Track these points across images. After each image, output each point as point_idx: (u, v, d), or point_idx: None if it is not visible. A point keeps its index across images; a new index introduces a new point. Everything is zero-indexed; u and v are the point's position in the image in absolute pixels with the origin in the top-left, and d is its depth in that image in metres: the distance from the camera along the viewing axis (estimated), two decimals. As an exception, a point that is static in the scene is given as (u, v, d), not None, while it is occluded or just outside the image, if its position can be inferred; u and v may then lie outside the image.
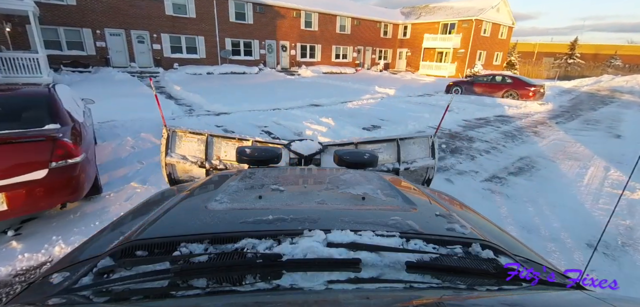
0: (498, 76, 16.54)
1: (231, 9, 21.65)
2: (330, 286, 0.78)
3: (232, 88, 15.18)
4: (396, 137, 3.73)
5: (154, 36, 19.24)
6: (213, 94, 12.95)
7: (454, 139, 8.22)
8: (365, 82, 20.95)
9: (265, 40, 24.03)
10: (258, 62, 24.00)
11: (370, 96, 15.40)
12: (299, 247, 0.89)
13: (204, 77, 18.66)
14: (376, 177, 1.74)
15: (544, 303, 0.76)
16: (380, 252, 0.89)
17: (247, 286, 0.79)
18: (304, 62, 26.69)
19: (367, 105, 12.85)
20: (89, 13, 17.02)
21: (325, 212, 1.21)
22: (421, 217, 1.20)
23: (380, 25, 31.19)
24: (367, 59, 31.67)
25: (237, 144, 3.53)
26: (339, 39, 28.41)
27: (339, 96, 14.58)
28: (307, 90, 15.74)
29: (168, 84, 15.36)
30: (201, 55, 21.29)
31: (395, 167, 3.73)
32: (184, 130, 3.46)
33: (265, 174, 1.75)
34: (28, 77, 10.58)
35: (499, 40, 31.92)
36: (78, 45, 17.17)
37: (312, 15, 25.72)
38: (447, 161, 6.44)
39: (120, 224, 1.27)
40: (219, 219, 1.10)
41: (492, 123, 10.62)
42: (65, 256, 1.06)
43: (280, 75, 22.70)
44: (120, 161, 5.57)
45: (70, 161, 3.32)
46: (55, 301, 0.75)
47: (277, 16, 23.93)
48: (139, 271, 0.81)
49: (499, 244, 1.04)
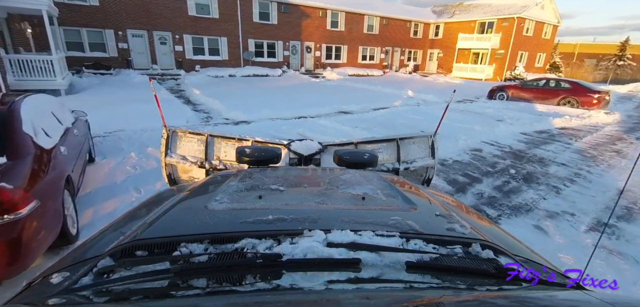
0: (552, 80, 14.54)
1: (255, 9, 20.78)
2: (330, 286, 0.78)
3: (253, 92, 14.17)
4: (396, 137, 3.73)
5: (176, 37, 18.67)
6: (233, 99, 11.96)
7: (522, 160, 6.65)
8: (396, 85, 19.39)
9: (290, 41, 23.01)
10: (281, 64, 23.01)
11: (404, 102, 13.89)
12: (299, 247, 0.88)
13: (225, 80, 17.83)
14: (376, 177, 1.74)
15: (544, 303, 0.76)
16: (380, 252, 0.89)
17: (247, 286, 0.78)
18: (329, 64, 25.45)
19: (402, 112, 11.38)
20: (112, 13, 16.62)
21: (325, 212, 1.20)
22: (421, 217, 1.20)
23: (410, 25, 29.40)
24: (395, 60, 29.97)
25: (236, 144, 3.49)
26: (366, 40, 26.94)
27: (369, 102, 13.18)
28: (333, 95, 14.47)
29: (187, 88, 14.58)
30: (223, 57, 20.56)
31: (395, 167, 3.72)
32: (183, 130, 3.38)
33: (265, 174, 1.74)
34: (41, 81, 9.98)
35: (543, 40, 29.23)
36: (100, 46, 16.82)
37: (338, 14, 24.43)
38: (526, 194, 4.93)
39: (120, 224, 1.27)
40: (218, 219, 1.10)
41: (558, 138, 8.86)
42: (65, 256, 1.06)
43: (304, 77, 21.57)
44: (114, 188, 4.52)
45: (8, 218, 2.22)
46: (55, 301, 0.75)
47: (302, 16, 22.84)
48: (139, 271, 0.81)
49: (499, 244, 1.04)
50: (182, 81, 16.27)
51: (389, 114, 11.07)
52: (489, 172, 5.86)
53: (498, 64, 26.69)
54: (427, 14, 31.30)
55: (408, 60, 31.00)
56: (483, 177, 5.59)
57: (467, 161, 6.42)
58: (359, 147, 3.72)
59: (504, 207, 4.46)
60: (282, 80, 19.57)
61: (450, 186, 5.16)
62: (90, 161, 5.35)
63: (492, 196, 4.84)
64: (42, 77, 9.97)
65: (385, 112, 11.39)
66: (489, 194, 4.89)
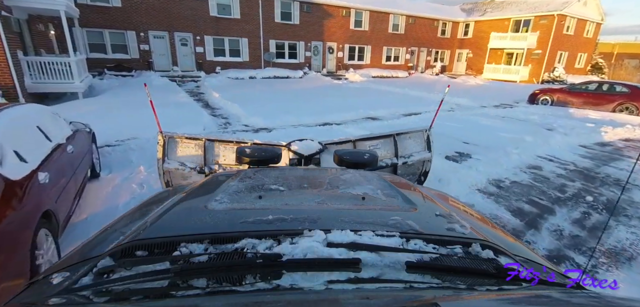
0: (605, 84, 12.98)
1: (277, 9, 20.17)
2: (330, 286, 0.78)
3: (274, 95, 13.49)
4: (393, 133, 3.85)
5: (197, 38, 18.35)
6: (253, 102, 11.30)
7: (594, 182, 5.49)
8: (424, 88, 18.20)
9: (311, 41, 22.27)
10: (302, 65, 22.31)
11: (435, 106, 12.77)
12: (299, 247, 0.88)
13: (245, 82, 17.31)
14: (376, 177, 1.73)
15: (544, 303, 0.76)
16: (380, 252, 0.89)
17: (247, 286, 0.78)
18: (352, 65, 24.51)
19: (436, 119, 10.31)
20: (134, 15, 16.47)
21: (325, 212, 1.20)
22: (421, 217, 1.20)
23: (437, 24, 27.96)
24: (421, 61, 28.60)
25: (235, 147, 3.44)
26: (390, 40, 25.79)
27: (398, 106, 12.19)
28: (358, 99, 13.55)
29: (207, 90, 14.11)
30: (244, 58, 20.08)
31: (393, 162, 3.78)
32: (180, 136, 3.34)
33: (265, 174, 1.73)
34: (59, 84, 9.70)
35: (584, 39, 27.00)
36: (122, 48, 16.71)
37: (362, 13, 23.45)
38: (618, 233, 3.84)
39: (120, 224, 1.27)
40: (219, 219, 1.09)
41: (627, 153, 7.55)
42: (66, 256, 1.05)
43: (326, 79, 20.76)
44: (115, 212, 3.84)
45: None
46: (55, 301, 0.75)
47: (324, 15, 22.04)
48: (139, 271, 0.80)
49: (499, 244, 1.04)
50: (202, 83, 15.86)
51: (421, 121, 10.03)
52: (559, 199, 4.79)
53: (534, 65, 24.82)
54: (456, 13, 29.71)
55: (435, 61, 29.53)
56: (554, 206, 4.54)
57: (527, 183, 5.37)
58: (357, 145, 3.75)
59: (597, 253, 3.42)
60: (303, 82, 18.84)
61: (516, 219, 4.16)
62: (94, 177, 4.75)
63: (575, 234, 3.80)
64: (60, 79, 9.67)
65: (417, 118, 10.36)
66: (570, 232, 3.85)
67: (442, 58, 30.01)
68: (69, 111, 8.52)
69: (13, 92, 8.37)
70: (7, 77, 8.23)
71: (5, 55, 8.11)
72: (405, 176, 4.22)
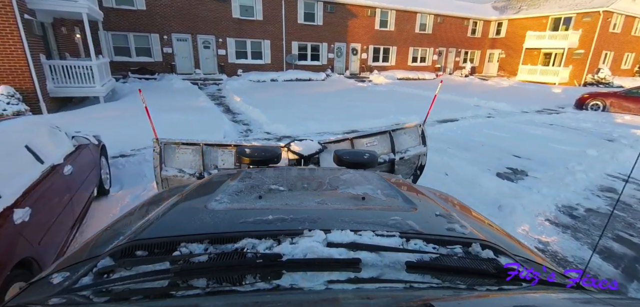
0: (670, 87, 11.44)
1: (300, 10, 19.63)
2: (330, 286, 0.78)
3: (297, 99, 12.89)
4: (388, 129, 3.95)
5: (219, 41, 18.11)
6: (275, 108, 10.74)
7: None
8: (455, 90, 17.05)
9: (335, 43, 21.57)
10: (325, 67, 21.65)
11: (472, 112, 11.72)
12: (299, 247, 0.88)
13: (267, 85, 16.85)
14: (376, 177, 1.72)
15: (544, 303, 0.76)
16: (380, 252, 0.89)
17: (247, 286, 0.78)
18: (376, 66, 23.59)
19: (475, 127, 9.34)
20: (157, 18, 16.40)
21: (325, 212, 1.19)
22: (421, 217, 1.19)
23: (467, 23, 26.50)
24: (449, 62, 27.23)
25: (234, 150, 3.44)
26: (417, 40, 24.65)
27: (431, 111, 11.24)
28: (387, 103, 12.71)
29: (228, 94, 13.72)
30: (266, 61, 19.67)
31: (391, 157, 3.91)
32: (177, 142, 3.32)
33: (265, 174, 1.72)
34: (80, 88, 9.53)
35: (632, 37, 24.70)
36: (146, 51, 16.69)
37: (388, 13, 22.50)
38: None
39: (120, 224, 1.27)
40: (219, 219, 1.09)
41: None
42: (66, 256, 1.05)
43: (350, 82, 19.99)
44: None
45: None
46: (55, 301, 0.75)
47: (348, 16, 21.29)
48: (139, 271, 0.80)
49: (499, 244, 1.03)
50: (224, 86, 15.53)
51: (459, 128, 9.09)
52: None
53: (576, 66, 22.92)
54: (487, 11, 28.10)
55: (464, 62, 28.03)
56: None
57: (606, 210, 4.40)
58: (355, 142, 3.84)
59: None
60: (326, 85, 18.18)
61: (609, 264, 3.25)
62: (102, 194, 4.27)
63: (698, 293, 2.87)
64: (81, 83, 9.50)
65: (453, 126, 9.41)
66: (689, 289, 2.93)
67: (471, 59, 28.47)
68: (89, 116, 8.27)
69: (33, 96, 8.21)
70: (27, 82, 8.07)
71: (27, 59, 7.95)
72: (402, 170, 4.24)
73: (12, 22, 7.62)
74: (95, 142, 4.13)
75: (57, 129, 3.38)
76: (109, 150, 6.28)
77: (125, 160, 5.73)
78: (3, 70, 7.79)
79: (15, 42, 7.74)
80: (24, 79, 8.03)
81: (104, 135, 6.89)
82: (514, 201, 4.32)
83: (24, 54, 7.89)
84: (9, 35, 7.63)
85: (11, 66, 7.83)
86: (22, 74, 7.98)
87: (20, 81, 7.99)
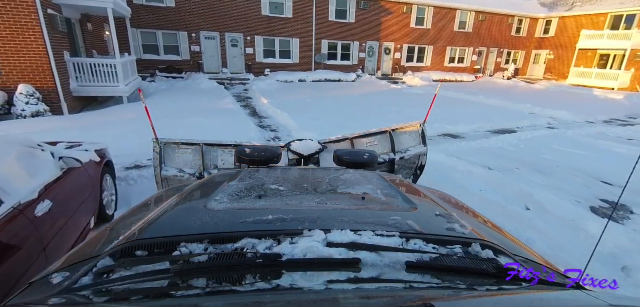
0: None
1: (332, 7, 18.65)
2: (330, 286, 0.77)
3: (328, 103, 11.93)
4: (389, 129, 3.93)
5: (247, 39, 17.53)
6: (305, 112, 9.84)
7: None
8: (501, 95, 15.39)
9: (367, 41, 20.40)
10: (356, 67, 20.54)
11: (529, 121, 10.22)
12: (299, 247, 0.88)
13: (295, 86, 16.03)
14: (376, 177, 1.72)
15: (544, 303, 0.76)
16: (380, 252, 0.89)
17: (247, 286, 0.78)
18: (410, 67, 22.16)
19: (538, 140, 7.94)
20: (187, 15, 16.04)
21: (325, 212, 1.19)
22: (421, 217, 1.19)
23: (512, 21, 24.36)
24: (490, 63, 25.21)
25: (234, 150, 3.45)
26: (456, 39, 22.92)
27: (479, 119, 9.90)
28: (426, 109, 11.45)
29: (255, 95, 13.01)
30: (294, 60, 18.89)
31: (391, 157, 3.92)
32: (177, 142, 3.33)
33: (265, 174, 1.72)
34: (103, 87, 9.11)
35: None
36: (174, 49, 16.40)
37: (425, 10, 21.00)
38: None
39: (121, 224, 1.26)
40: (218, 219, 1.08)
41: None
42: (66, 256, 1.05)
43: (382, 83, 18.77)
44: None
45: None
46: (55, 301, 0.74)
47: (383, 13, 20.04)
48: (139, 271, 0.80)
49: (499, 244, 1.03)
50: (251, 87, 14.87)
51: (521, 142, 7.74)
52: None
53: (638, 69, 20.31)
54: (534, 8, 25.74)
55: (506, 63, 25.88)
56: None
57: None
58: (355, 142, 3.88)
59: None
60: (357, 86, 17.09)
61: None
62: (104, 220, 3.51)
63: None
64: (105, 83, 9.07)
65: (513, 139, 8.05)
66: None
67: (515, 60, 26.23)
68: (108, 118, 7.76)
69: (55, 96, 7.81)
70: (48, 80, 7.67)
71: (49, 57, 7.55)
72: (402, 170, 4.17)
73: (33, 17, 7.22)
74: (95, 159, 3.37)
75: (39, 148, 2.62)
76: (123, 160, 5.62)
77: (139, 173, 5.02)
78: (24, 68, 7.42)
79: (36, 38, 7.34)
80: (45, 78, 7.63)
81: (119, 142, 6.27)
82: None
83: (46, 51, 7.49)
84: (30, 31, 7.24)
85: (32, 64, 7.45)
86: (43, 72, 7.58)
87: (41, 80, 7.60)
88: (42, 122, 6.89)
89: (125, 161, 5.49)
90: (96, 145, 3.74)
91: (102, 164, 3.49)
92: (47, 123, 6.90)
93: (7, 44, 7.18)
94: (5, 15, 7.04)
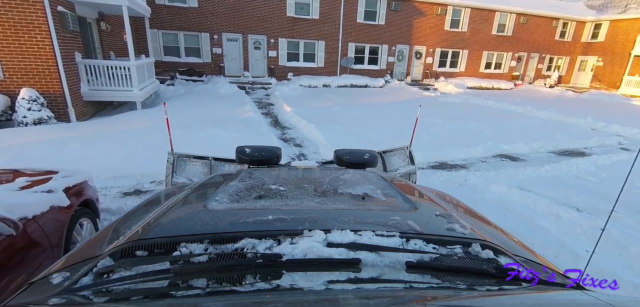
0: None
1: (360, 7, 17.52)
2: (330, 286, 0.77)
3: (357, 111, 10.79)
4: (379, 151, 3.94)
5: (271, 42, 16.70)
6: (333, 122, 8.75)
7: None
8: (551, 106, 13.69)
9: (396, 45, 19.10)
10: (384, 72, 19.28)
11: (595, 140, 8.65)
12: (299, 247, 0.87)
13: (319, 92, 15.00)
14: (376, 177, 1.71)
15: (544, 303, 0.76)
16: (380, 252, 0.88)
17: (247, 286, 0.77)
18: (442, 72, 20.63)
19: (621, 167, 6.45)
20: (209, 16, 15.41)
21: (325, 212, 1.18)
22: (421, 217, 1.18)
23: (556, 24, 22.29)
24: (530, 69, 23.22)
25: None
26: (493, 43, 21.17)
27: (535, 136, 8.46)
28: (472, 122, 10.08)
29: (277, 101, 12.07)
30: (319, 64, 17.89)
31: None
32: (189, 156, 3.50)
33: (265, 174, 1.71)
34: (115, 91, 8.41)
35: None
36: (195, 51, 15.81)
37: (461, 11, 19.44)
38: None
39: (121, 224, 1.26)
40: (219, 219, 1.08)
41: None
42: (66, 256, 1.03)
43: (413, 90, 17.42)
44: None
45: None
46: (55, 301, 0.74)
47: (415, 14, 18.69)
48: (139, 271, 0.79)
49: (499, 244, 1.02)
50: (272, 92, 13.97)
51: (601, 170, 6.29)
52: None
53: None
54: (580, 10, 23.50)
55: (548, 69, 23.77)
56: None
57: None
58: None
59: None
60: (386, 93, 15.84)
61: None
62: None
63: None
64: (118, 86, 8.38)
65: (587, 163, 6.61)
66: None
67: (557, 66, 24.05)
68: (114, 128, 6.94)
69: (61, 101, 7.13)
70: (55, 83, 7.00)
71: (56, 58, 6.87)
72: None
73: (41, 14, 6.56)
74: (61, 203, 2.41)
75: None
76: (121, 183, 4.71)
77: (138, 200, 4.08)
78: (28, 70, 6.78)
79: (43, 38, 6.68)
80: (51, 81, 6.97)
81: (122, 157, 5.42)
82: None
83: (53, 52, 6.82)
84: (36, 29, 6.59)
85: (37, 66, 6.79)
86: (50, 74, 6.92)
87: (46, 83, 6.94)
88: (43, 131, 6.17)
89: (124, 183, 4.60)
90: (73, 177, 2.81)
91: (72, 208, 2.54)
92: (48, 132, 6.18)
93: (10, 43, 6.55)
94: (10, 12, 6.41)
